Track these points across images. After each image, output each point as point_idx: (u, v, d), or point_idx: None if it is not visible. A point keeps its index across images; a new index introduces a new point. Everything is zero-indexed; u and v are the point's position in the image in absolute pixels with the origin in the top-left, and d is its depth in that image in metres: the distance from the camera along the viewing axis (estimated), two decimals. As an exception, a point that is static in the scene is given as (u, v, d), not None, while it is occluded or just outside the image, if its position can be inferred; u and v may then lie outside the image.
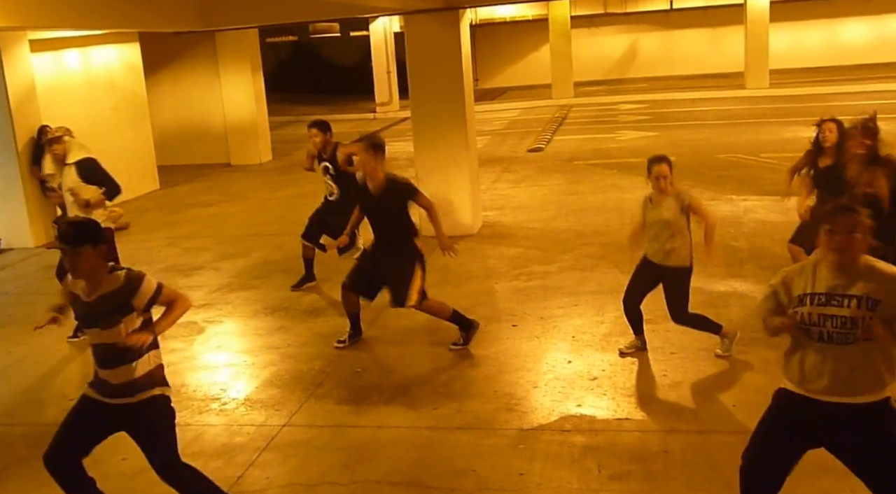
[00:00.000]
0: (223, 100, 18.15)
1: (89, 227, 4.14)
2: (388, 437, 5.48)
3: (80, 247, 4.03)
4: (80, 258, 4.05)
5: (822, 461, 4.79)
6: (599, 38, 34.99)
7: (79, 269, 4.09)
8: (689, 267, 6.23)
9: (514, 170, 15.20)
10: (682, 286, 6.23)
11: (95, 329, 4.16)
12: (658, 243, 6.18)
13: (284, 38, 34.26)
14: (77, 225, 4.19)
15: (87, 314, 4.18)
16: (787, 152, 14.71)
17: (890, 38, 32.40)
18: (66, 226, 4.14)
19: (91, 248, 4.05)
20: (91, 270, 4.10)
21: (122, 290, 4.12)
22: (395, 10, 13.29)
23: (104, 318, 4.11)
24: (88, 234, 4.08)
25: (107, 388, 4.25)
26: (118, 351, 4.13)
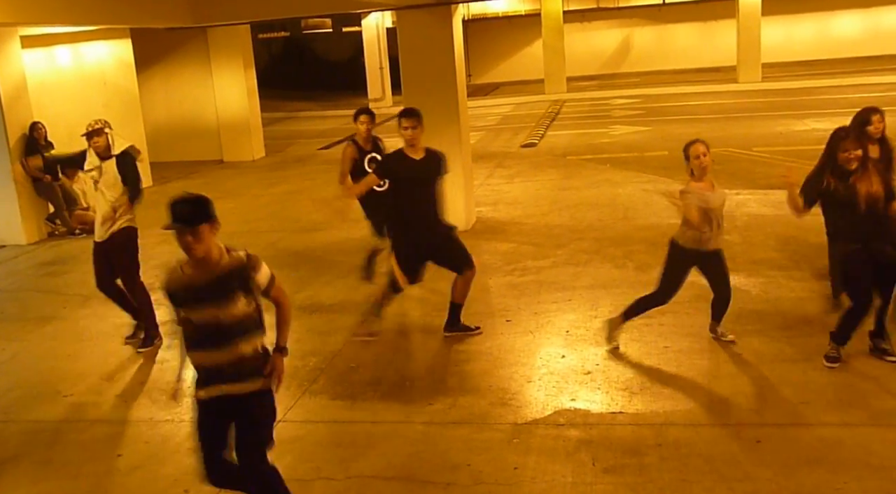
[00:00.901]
0: (215, 97, 18.12)
1: (202, 204, 3.94)
2: (383, 432, 5.49)
3: (197, 225, 3.87)
4: (197, 236, 3.87)
5: (817, 453, 4.84)
6: (592, 33, 35.03)
7: (195, 249, 3.90)
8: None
9: (507, 166, 15.21)
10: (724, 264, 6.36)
11: (209, 306, 3.96)
12: (718, 229, 6.15)
13: (276, 34, 34.21)
14: (188, 202, 3.92)
15: (200, 293, 3.97)
16: (780, 146, 14.78)
17: (882, 30, 32.51)
18: (180, 205, 3.89)
19: (207, 226, 3.90)
20: (207, 249, 3.93)
21: (245, 267, 3.99)
22: (388, 6, 13.28)
23: (222, 294, 3.94)
24: (203, 212, 3.90)
25: (211, 375, 4.08)
26: (226, 329, 3.98)
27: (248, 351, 4.06)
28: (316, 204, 12.74)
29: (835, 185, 5.78)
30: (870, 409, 5.32)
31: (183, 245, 3.90)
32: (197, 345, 4.08)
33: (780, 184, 11.49)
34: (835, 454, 4.82)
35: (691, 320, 7.00)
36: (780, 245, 8.92)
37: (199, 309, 3.99)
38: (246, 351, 4.05)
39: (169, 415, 6.01)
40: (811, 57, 32.17)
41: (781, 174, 5.92)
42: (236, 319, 3.99)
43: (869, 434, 5.00)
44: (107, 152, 7.04)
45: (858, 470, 4.64)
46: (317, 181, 14.94)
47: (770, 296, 7.45)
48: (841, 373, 5.86)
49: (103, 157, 7.03)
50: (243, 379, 4.08)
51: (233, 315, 3.97)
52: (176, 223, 3.87)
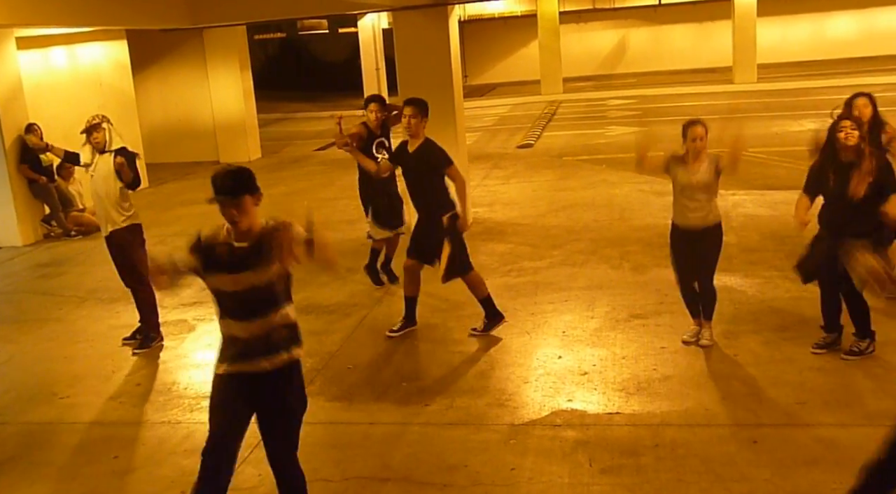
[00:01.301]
0: (212, 98, 18.10)
1: (245, 176, 4.01)
2: (380, 433, 5.49)
3: (240, 196, 3.93)
4: (241, 208, 3.94)
5: (813, 453, 4.85)
6: (588, 34, 35.04)
7: (239, 219, 3.96)
8: (721, 224, 6.36)
9: (503, 167, 15.21)
10: (719, 243, 6.35)
11: (246, 272, 3.98)
12: (699, 208, 6.22)
13: (273, 35, 34.20)
14: (231, 174, 4.00)
15: (237, 259, 3.99)
16: (775, 146, 14.80)
17: (877, 31, 32.55)
18: (222, 177, 3.97)
19: (250, 197, 3.96)
20: (251, 220, 3.99)
21: (279, 229, 3.98)
22: (384, 7, 13.28)
23: (258, 258, 3.96)
24: (246, 184, 3.97)
25: (241, 348, 4.03)
26: (262, 297, 3.99)
27: (280, 322, 4.04)
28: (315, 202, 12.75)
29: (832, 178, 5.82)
30: (865, 409, 5.33)
31: (228, 217, 3.97)
32: (231, 314, 4.06)
33: (777, 184, 11.54)
34: (831, 454, 4.83)
35: (688, 321, 7.00)
36: (777, 245, 8.93)
37: (237, 274, 3.99)
38: (277, 322, 4.03)
39: (165, 417, 6.01)
40: (806, 58, 32.20)
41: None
42: (270, 284, 3.98)
43: (865, 434, 5.00)
44: (104, 147, 7.02)
45: (854, 471, 4.61)
46: (314, 182, 14.93)
47: (766, 297, 7.46)
48: (836, 374, 5.87)
49: (101, 152, 7.03)
50: (272, 352, 4.03)
51: (268, 279, 3.97)
52: (219, 195, 3.93)
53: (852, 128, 5.73)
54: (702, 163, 6.21)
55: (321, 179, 15.10)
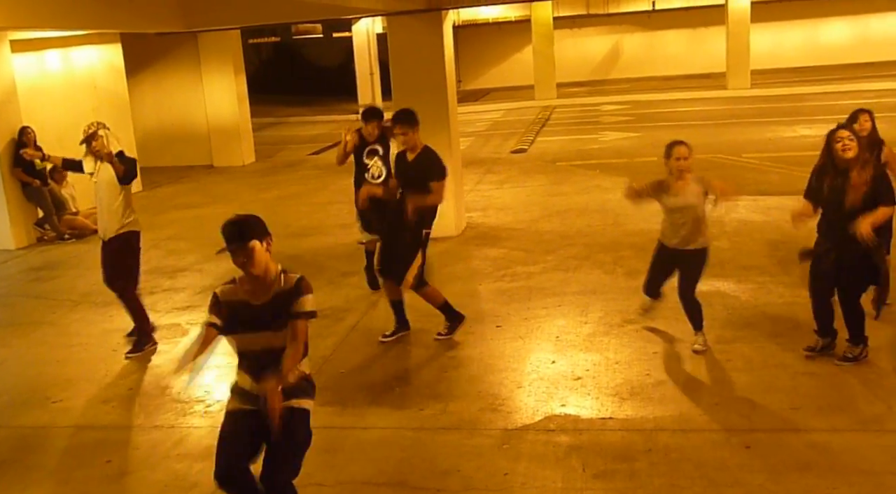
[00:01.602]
0: (206, 102, 18.09)
1: (251, 223, 4.03)
2: (374, 438, 5.48)
3: (248, 242, 3.94)
4: (251, 254, 3.95)
5: (806, 458, 4.86)
6: (582, 39, 35.12)
7: (252, 266, 3.97)
8: (708, 249, 6.45)
9: (497, 172, 15.23)
10: (702, 267, 6.42)
11: (268, 332, 4.00)
12: (684, 229, 6.27)
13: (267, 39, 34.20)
14: (238, 223, 4.01)
15: (258, 316, 4.00)
16: (769, 152, 14.85)
17: (870, 37, 32.70)
18: (228, 226, 4.00)
19: (259, 243, 3.97)
20: (265, 266, 4.01)
21: (293, 291, 4.05)
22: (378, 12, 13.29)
23: (278, 319, 3.99)
24: (253, 229, 3.99)
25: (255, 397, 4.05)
26: (277, 354, 3.99)
27: (293, 379, 4.08)
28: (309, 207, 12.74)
29: (828, 185, 5.86)
30: (859, 414, 5.35)
31: (239, 264, 3.99)
32: (247, 370, 4.09)
33: (770, 190, 11.57)
34: (824, 459, 4.84)
35: (680, 326, 7.01)
36: (770, 250, 8.96)
37: (253, 333, 4.01)
38: (292, 380, 4.06)
39: (158, 421, 5.99)
40: (800, 64, 32.32)
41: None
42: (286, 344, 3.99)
43: (858, 439, 5.02)
44: (105, 155, 7.01)
45: (848, 476, 4.66)
46: (308, 186, 14.93)
47: (759, 302, 7.47)
48: (830, 378, 5.88)
49: (102, 160, 7.04)
50: (291, 396, 4.06)
51: (285, 340, 3.99)
52: (229, 244, 3.95)
53: (850, 140, 5.76)
54: (687, 184, 6.26)
55: (315, 184, 15.10)
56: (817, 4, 32.09)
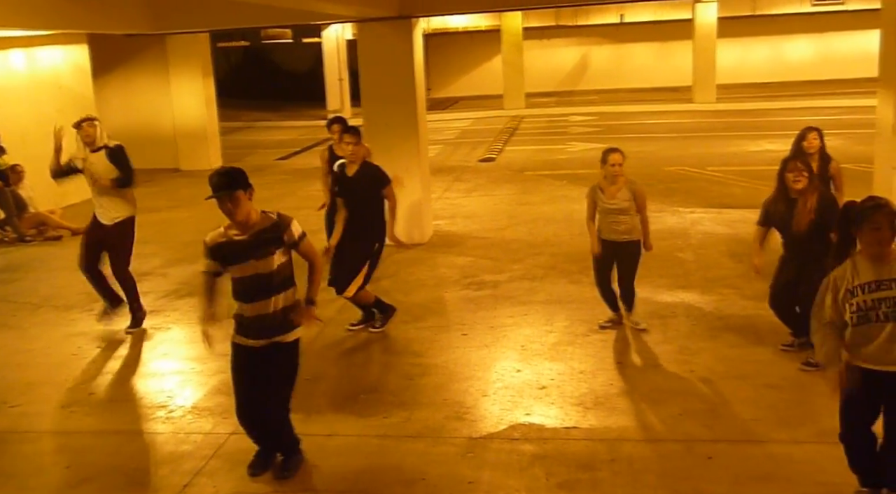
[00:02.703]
0: (173, 105, 17.94)
1: (237, 174, 4.61)
2: (338, 445, 5.45)
3: (235, 191, 4.53)
4: (236, 201, 4.54)
5: (767, 470, 4.91)
6: (551, 50, 35.32)
7: (236, 212, 4.58)
8: (640, 240, 7.03)
9: (465, 180, 15.25)
10: (637, 258, 7.06)
11: (252, 260, 4.64)
12: (621, 226, 6.94)
13: (236, 43, 33.98)
14: (225, 173, 4.61)
15: (241, 250, 4.64)
16: (733, 166, 15.02)
17: (832, 55, 33.23)
18: (217, 176, 4.59)
19: (243, 192, 4.56)
20: (247, 213, 4.61)
21: (276, 226, 4.67)
22: (349, 18, 13.28)
23: (259, 250, 4.62)
24: (238, 180, 4.57)
25: (251, 328, 4.73)
26: (265, 282, 4.64)
27: (285, 304, 4.73)
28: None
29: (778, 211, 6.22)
30: (818, 426, 5.41)
31: (225, 211, 4.60)
32: (242, 297, 4.72)
33: (734, 203, 11.71)
34: (784, 470, 4.90)
35: (644, 336, 7.08)
36: (734, 263, 9.05)
37: (242, 264, 4.65)
38: (283, 305, 4.72)
39: (120, 426, 5.92)
40: (765, 79, 32.75)
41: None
42: (273, 272, 4.65)
43: (818, 451, 5.08)
44: (94, 144, 7.47)
45: (807, 487, 4.72)
46: (275, 192, 14.82)
47: (723, 314, 7.55)
48: (791, 391, 5.96)
49: (93, 150, 7.47)
50: (285, 329, 4.75)
51: (270, 268, 4.64)
52: (215, 192, 4.56)
53: (801, 173, 6.07)
54: (619, 189, 6.92)
55: (282, 189, 15.01)
56: (782, 22, 32.55)
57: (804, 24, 32.78)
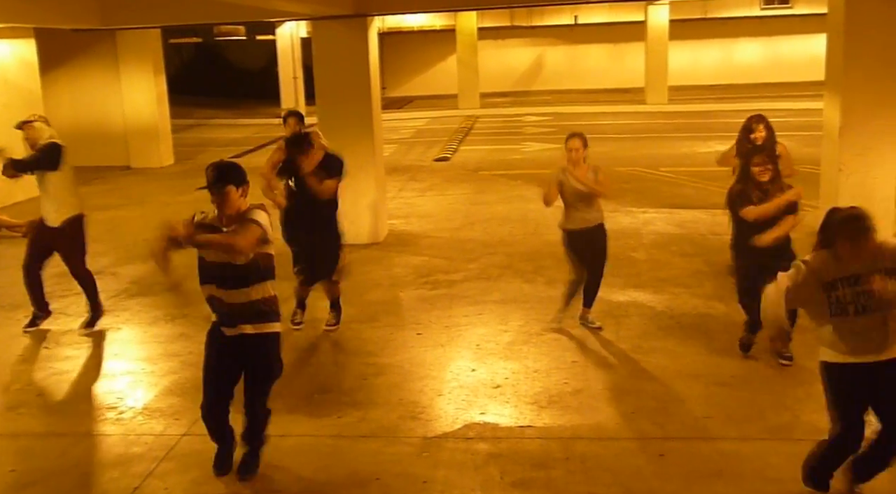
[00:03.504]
0: (123, 101, 17.66)
1: (231, 169, 4.69)
2: (292, 446, 5.42)
3: (225, 186, 4.60)
4: (226, 196, 4.60)
5: (717, 466, 4.98)
6: (506, 51, 35.44)
7: (224, 207, 4.63)
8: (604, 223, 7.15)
9: (420, 179, 15.25)
10: (606, 238, 7.15)
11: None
12: (589, 214, 7.03)
13: (188, 40, 33.57)
14: (219, 167, 4.69)
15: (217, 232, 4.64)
16: (685, 166, 15.21)
17: (781, 59, 33.82)
18: (210, 169, 4.67)
19: (235, 188, 4.62)
20: (236, 208, 4.65)
21: (242, 215, 4.66)
22: (303, 16, 13.19)
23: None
24: (230, 175, 4.64)
25: (226, 315, 4.75)
26: (236, 271, 4.64)
27: (259, 296, 4.73)
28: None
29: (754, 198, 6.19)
30: (767, 423, 5.50)
31: (215, 203, 4.66)
32: (218, 283, 4.71)
33: (686, 203, 11.86)
34: (734, 467, 4.97)
35: (598, 335, 7.14)
36: (685, 262, 9.17)
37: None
38: (256, 297, 4.72)
39: (68, 428, 5.82)
40: (715, 81, 33.23)
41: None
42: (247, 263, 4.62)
43: (766, 447, 5.17)
44: (36, 144, 7.35)
45: (756, 483, 4.79)
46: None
47: (674, 313, 7.64)
48: (740, 389, 6.05)
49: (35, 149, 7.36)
50: (258, 319, 4.76)
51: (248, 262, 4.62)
52: (208, 185, 4.61)
53: (766, 166, 6.16)
54: (585, 173, 7.01)
55: (235, 187, 14.88)
56: (732, 25, 33.04)
57: (753, 27, 33.32)
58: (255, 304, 4.74)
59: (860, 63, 9.40)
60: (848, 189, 9.38)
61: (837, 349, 4.27)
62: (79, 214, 7.55)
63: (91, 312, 7.77)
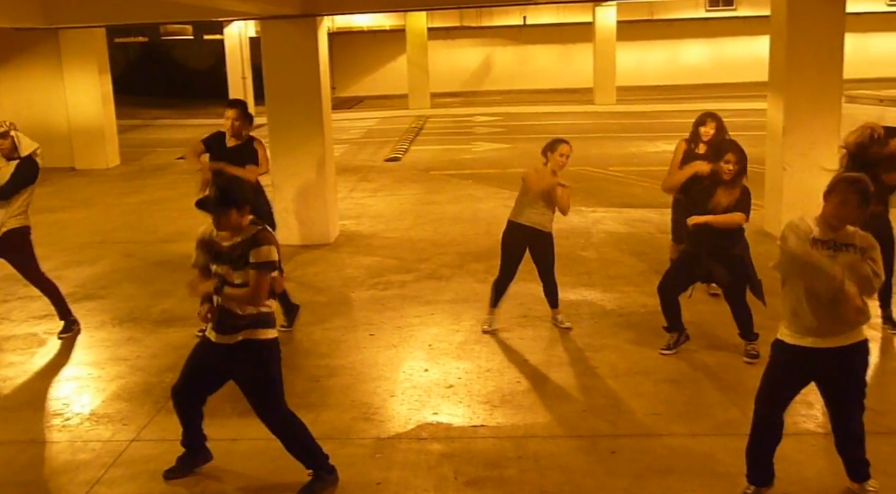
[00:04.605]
0: (67, 101, 17.34)
1: (231, 193, 4.56)
2: (243, 450, 5.37)
3: (226, 210, 4.52)
4: (226, 218, 4.54)
5: (667, 462, 5.04)
6: (456, 51, 35.55)
7: (223, 226, 4.58)
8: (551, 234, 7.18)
9: (371, 179, 15.21)
10: (552, 249, 7.17)
11: (227, 266, 4.61)
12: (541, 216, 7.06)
13: (134, 39, 33.11)
14: (223, 191, 4.54)
15: (222, 254, 4.63)
16: (633, 166, 15.39)
17: (726, 59, 34.41)
18: (214, 191, 4.54)
19: (235, 211, 4.54)
20: (236, 227, 4.58)
21: (248, 242, 4.57)
22: (251, 16, 13.08)
23: (236, 261, 4.58)
24: (231, 199, 4.53)
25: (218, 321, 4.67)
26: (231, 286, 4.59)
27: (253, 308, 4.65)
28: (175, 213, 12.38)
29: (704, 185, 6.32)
30: (715, 419, 5.59)
31: (214, 224, 4.62)
32: (217, 291, 4.65)
33: (635, 203, 12.00)
34: (683, 462, 5.04)
35: (550, 334, 7.19)
36: (634, 261, 9.28)
37: (217, 264, 4.66)
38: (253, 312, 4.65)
39: (13, 436, 5.69)
40: (662, 82, 33.69)
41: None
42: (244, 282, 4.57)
43: (714, 443, 5.25)
44: (12, 154, 7.05)
45: (705, 478, 4.87)
46: (176, 191, 14.51)
47: (624, 311, 7.73)
48: (689, 386, 6.14)
49: (8, 159, 7.05)
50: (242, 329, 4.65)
51: (241, 278, 4.57)
52: (209, 206, 4.53)
53: (734, 164, 6.21)
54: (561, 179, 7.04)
55: (184, 188, 14.67)
56: (678, 26, 33.55)
57: (699, 29, 33.86)
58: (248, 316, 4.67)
59: (802, 64, 9.60)
60: (792, 187, 9.59)
61: (794, 328, 4.31)
62: (19, 227, 7.16)
63: (63, 319, 7.52)
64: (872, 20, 30.51)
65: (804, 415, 5.50)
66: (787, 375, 4.45)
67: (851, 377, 4.39)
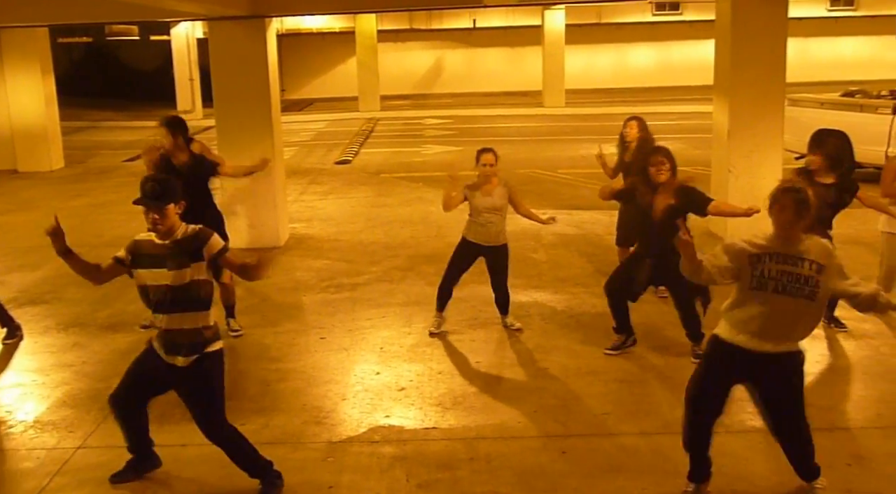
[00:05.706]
0: (9, 103, 16.99)
1: (171, 186, 4.52)
2: (193, 455, 5.30)
3: (165, 205, 4.43)
4: (164, 215, 4.43)
5: (617, 461, 5.10)
6: (405, 53, 35.55)
7: (160, 225, 4.45)
8: (507, 245, 7.19)
9: (321, 182, 15.14)
10: (507, 259, 7.20)
11: (163, 269, 4.46)
12: (493, 228, 7.03)
13: (78, 39, 32.53)
14: (161, 182, 4.51)
15: (157, 256, 4.48)
16: (581, 168, 15.53)
17: (673, 63, 34.91)
18: (149, 183, 4.48)
19: (173, 205, 4.46)
20: (171, 225, 4.49)
21: (196, 238, 4.50)
22: (198, 16, 12.94)
23: (175, 260, 4.45)
24: (170, 193, 4.47)
25: (164, 340, 4.59)
26: (179, 295, 4.48)
27: (199, 324, 4.56)
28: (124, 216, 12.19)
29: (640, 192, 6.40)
30: (663, 418, 5.66)
31: (150, 220, 4.47)
32: (156, 308, 4.57)
33: (583, 204, 12.10)
34: (633, 461, 5.10)
35: (501, 336, 7.23)
36: (584, 262, 9.37)
37: (155, 270, 4.48)
38: (197, 325, 4.55)
39: (-47, 445, 5.55)
40: (610, 85, 34.06)
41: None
42: (186, 285, 4.47)
43: (663, 441, 5.32)
44: None
45: (655, 476, 4.93)
46: (122, 194, 14.26)
47: (574, 312, 7.79)
48: (638, 386, 6.21)
49: None
50: (196, 350, 4.58)
51: (182, 281, 4.46)
52: (145, 199, 4.43)
53: (662, 165, 6.28)
54: (494, 187, 7.03)
55: (130, 191, 14.35)
56: (626, 30, 33.96)
57: (646, 32, 34.31)
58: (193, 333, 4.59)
59: (747, 67, 9.78)
60: (737, 189, 9.75)
61: (738, 328, 4.36)
62: None
63: (5, 325, 7.37)
64: (814, 25, 31.22)
65: (750, 413, 5.58)
66: (717, 370, 4.52)
67: (787, 386, 4.46)
